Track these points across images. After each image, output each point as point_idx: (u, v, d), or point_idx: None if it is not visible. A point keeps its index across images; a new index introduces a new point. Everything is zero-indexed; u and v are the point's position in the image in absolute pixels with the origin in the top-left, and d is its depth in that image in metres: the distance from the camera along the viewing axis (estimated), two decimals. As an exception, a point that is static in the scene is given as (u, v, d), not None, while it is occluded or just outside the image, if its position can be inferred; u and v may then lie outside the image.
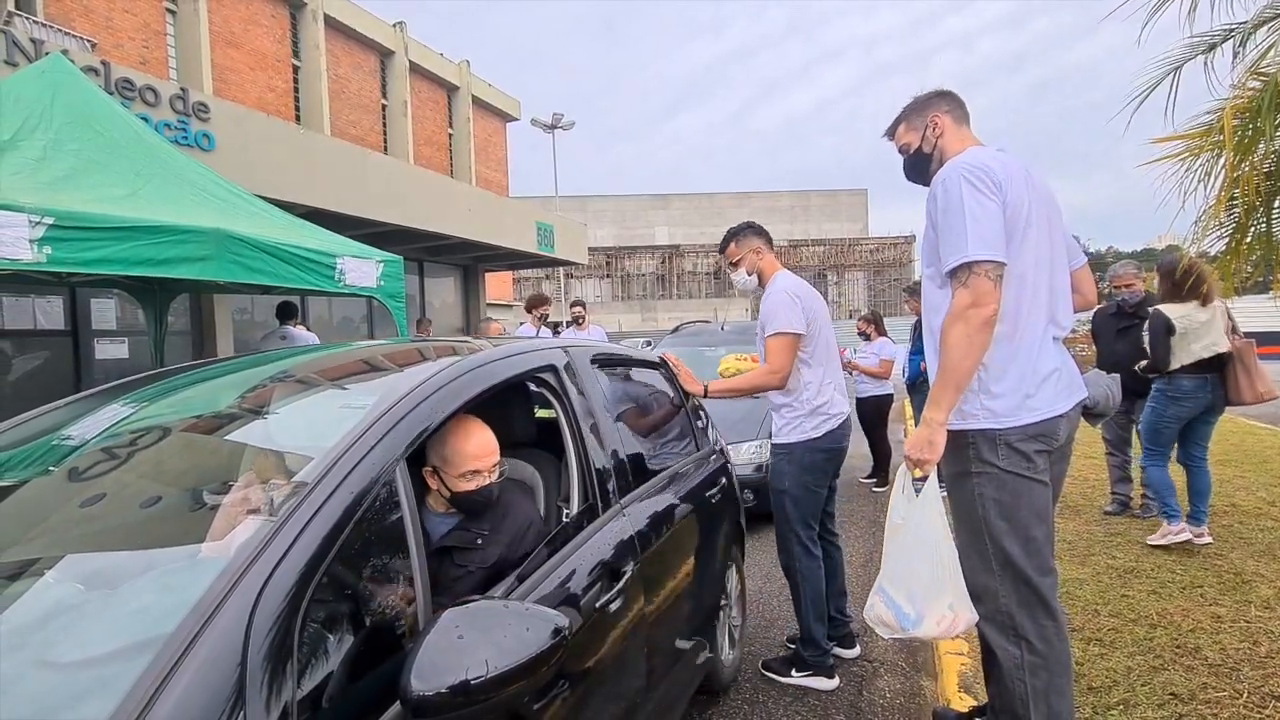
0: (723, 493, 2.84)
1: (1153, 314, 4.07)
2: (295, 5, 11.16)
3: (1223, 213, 4.04)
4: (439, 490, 1.64)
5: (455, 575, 1.55)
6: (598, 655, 1.59)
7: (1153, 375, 4.12)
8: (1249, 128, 3.71)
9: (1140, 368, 4.15)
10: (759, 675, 2.93)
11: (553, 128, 22.84)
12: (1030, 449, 1.85)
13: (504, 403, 1.98)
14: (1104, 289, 5.25)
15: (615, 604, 1.67)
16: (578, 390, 1.98)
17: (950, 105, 2.09)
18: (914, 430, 1.90)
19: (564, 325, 8.66)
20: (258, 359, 2.12)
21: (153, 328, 5.85)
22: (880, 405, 6.30)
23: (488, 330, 6.85)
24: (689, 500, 2.44)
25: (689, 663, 2.24)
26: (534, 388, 1.95)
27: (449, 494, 1.63)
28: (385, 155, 11.64)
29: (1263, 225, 4.09)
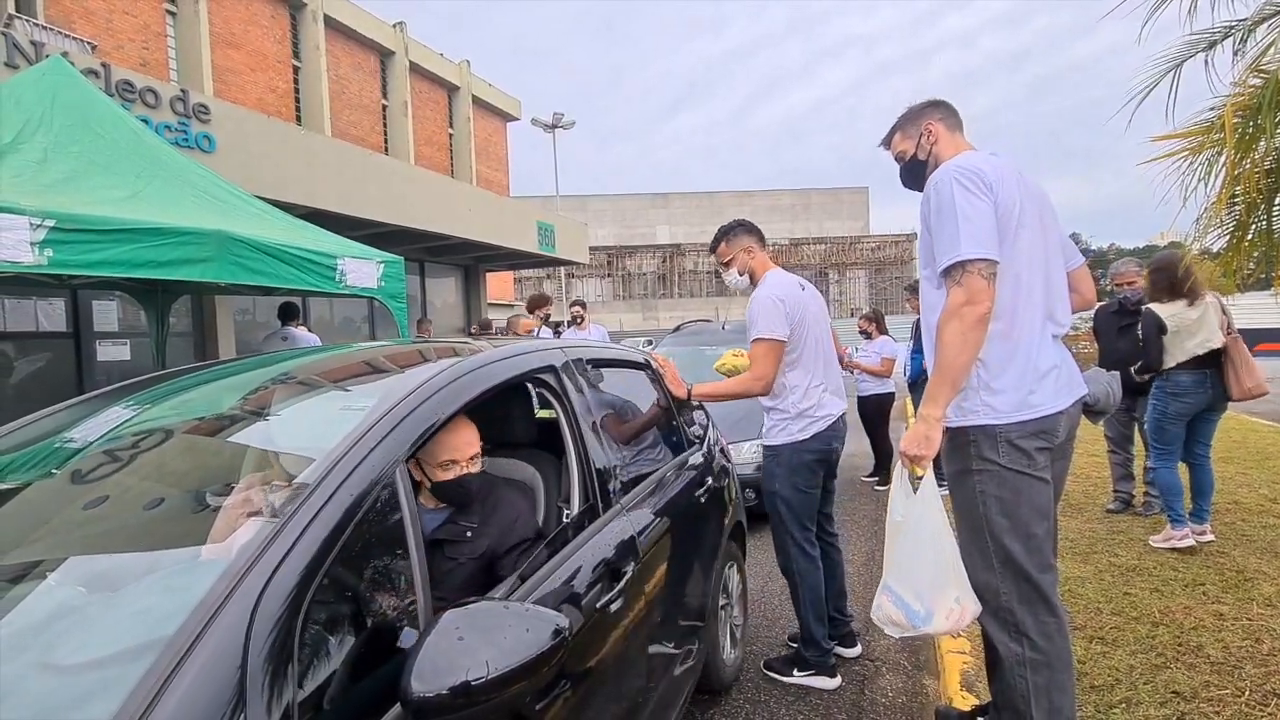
0: (724, 492, 2.85)
1: (1144, 314, 4.08)
2: (295, 6, 11.17)
3: (1224, 210, 4.04)
4: (423, 482, 1.68)
5: (446, 568, 1.60)
6: (599, 655, 1.60)
7: (1148, 375, 4.11)
8: (1250, 125, 3.71)
9: (1135, 369, 4.15)
10: (761, 675, 2.93)
11: (553, 127, 22.82)
12: (1031, 446, 1.86)
13: (504, 403, 1.99)
14: (1105, 286, 5.25)
15: (616, 604, 1.68)
16: (577, 390, 1.99)
17: (943, 113, 2.14)
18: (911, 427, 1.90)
19: (564, 325, 8.65)
20: (259, 361, 2.13)
21: (154, 329, 5.85)
22: (882, 404, 6.29)
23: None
24: (690, 500, 2.44)
25: (688, 661, 2.24)
26: (534, 388, 1.95)
27: (429, 484, 1.67)
28: (386, 156, 11.65)
29: (1264, 222, 4.09)
